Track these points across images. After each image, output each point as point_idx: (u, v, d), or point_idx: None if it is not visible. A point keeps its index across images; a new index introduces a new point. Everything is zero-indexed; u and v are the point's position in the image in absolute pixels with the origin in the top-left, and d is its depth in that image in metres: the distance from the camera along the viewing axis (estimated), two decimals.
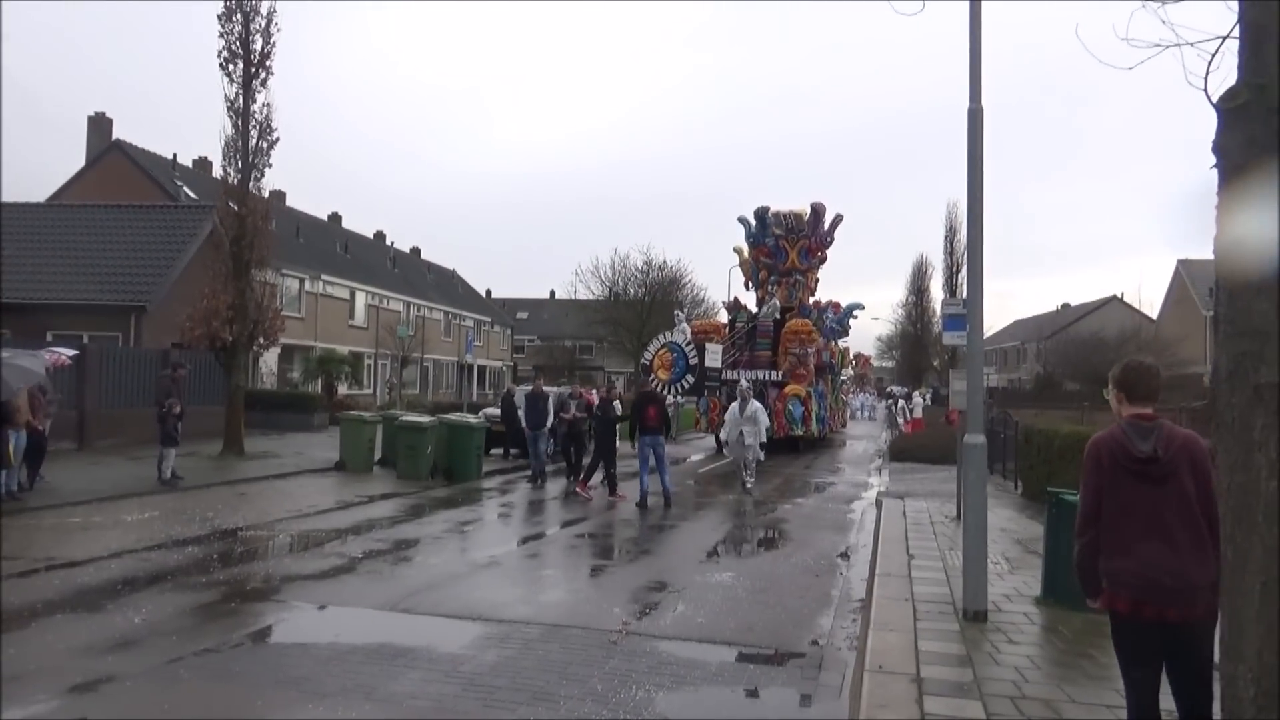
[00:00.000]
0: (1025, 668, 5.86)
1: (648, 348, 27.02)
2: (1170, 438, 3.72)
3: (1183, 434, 3.77)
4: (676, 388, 24.99)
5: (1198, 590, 3.59)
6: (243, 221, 18.93)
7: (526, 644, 6.59)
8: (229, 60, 18.82)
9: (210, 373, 20.90)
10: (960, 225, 44.11)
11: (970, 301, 7.74)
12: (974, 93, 7.42)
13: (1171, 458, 3.69)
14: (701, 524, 12.88)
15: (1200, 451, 3.71)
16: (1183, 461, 3.69)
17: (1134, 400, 3.87)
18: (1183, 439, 3.73)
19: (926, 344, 59.38)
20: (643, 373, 26.84)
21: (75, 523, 11.11)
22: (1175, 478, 3.68)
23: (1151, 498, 3.71)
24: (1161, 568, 3.65)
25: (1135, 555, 3.71)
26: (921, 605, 7.43)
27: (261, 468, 17.18)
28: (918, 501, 14.27)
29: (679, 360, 25.05)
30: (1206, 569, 3.56)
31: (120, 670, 5.76)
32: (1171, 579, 3.63)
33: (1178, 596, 3.63)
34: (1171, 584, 3.64)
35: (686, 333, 26.21)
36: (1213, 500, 3.58)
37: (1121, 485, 3.76)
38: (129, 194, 30.88)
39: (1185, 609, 3.62)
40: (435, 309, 52.23)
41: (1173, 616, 3.64)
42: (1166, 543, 3.66)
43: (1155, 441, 3.71)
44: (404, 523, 12.22)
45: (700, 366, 24.83)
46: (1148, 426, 3.77)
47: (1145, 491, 3.71)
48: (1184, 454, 3.69)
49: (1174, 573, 3.63)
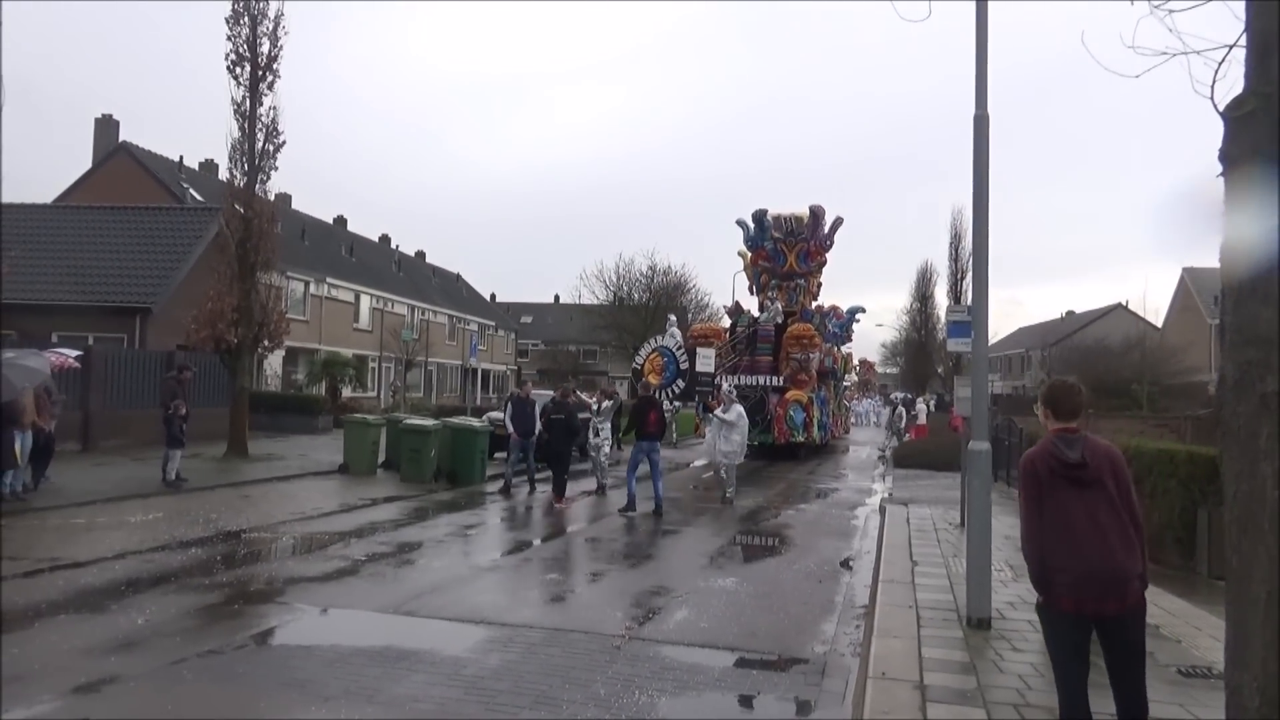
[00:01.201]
0: (1029, 675, 5.85)
1: (639, 352, 26.92)
2: (1094, 447, 4.13)
3: (1103, 444, 4.20)
4: (667, 392, 24.92)
5: (1130, 582, 3.99)
6: (248, 224, 18.99)
7: (529, 648, 6.59)
8: (236, 63, 18.90)
9: (215, 375, 20.91)
10: (965, 232, 44.04)
11: (975, 308, 7.74)
12: (980, 99, 7.43)
13: (1097, 464, 4.06)
14: (704, 529, 12.87)
15: (1119, 459, 4.12)
16: (1105, 467, 4.08)
17: (1059, 416, 4.28)
18: (1104, 448, 4.15)
19: (931, 350, 59.24)
20: (634, 377, 26.74)
21: (79, 523, 11.14)
22: (1100, 482, 4.06)
23: (1083, 500, 4.06)
24: (1100, 563, 3.99)
25: (1075, 554, 4.03)
26: (925, 612, 7.42)
27: (266, 470, 17.21)
28: (921, 508, 14.25)
29: (670, 365, 24.95)
30: (1135, 562, 4.00)
31: (123, 671, 5.77)
32: (1109, 573, 3.99)
33: (1115, 589, 3.98)
34: (1109, 578, 3.99)
35: (677, 337, 26.10)
36: (1133, 501, 4.08)
37: (1057, 490, 4.11)
38: (135, 196, 30.96)
39: (1120, 600, 3.98)
40: (440, 312, 52.30)
41: (1112, 609, 4.00)
42: (1101, 540, 4.01)
43: (1081, 450, 4.09)
44: (407, 526, 12.23)
45: (691, 371, 24.72)
46: (1072, 438, 4.15)
47: (1077, 494, 4.07)
48: (1106, 460, 4.09)
49: (1111, 568, 3.99)
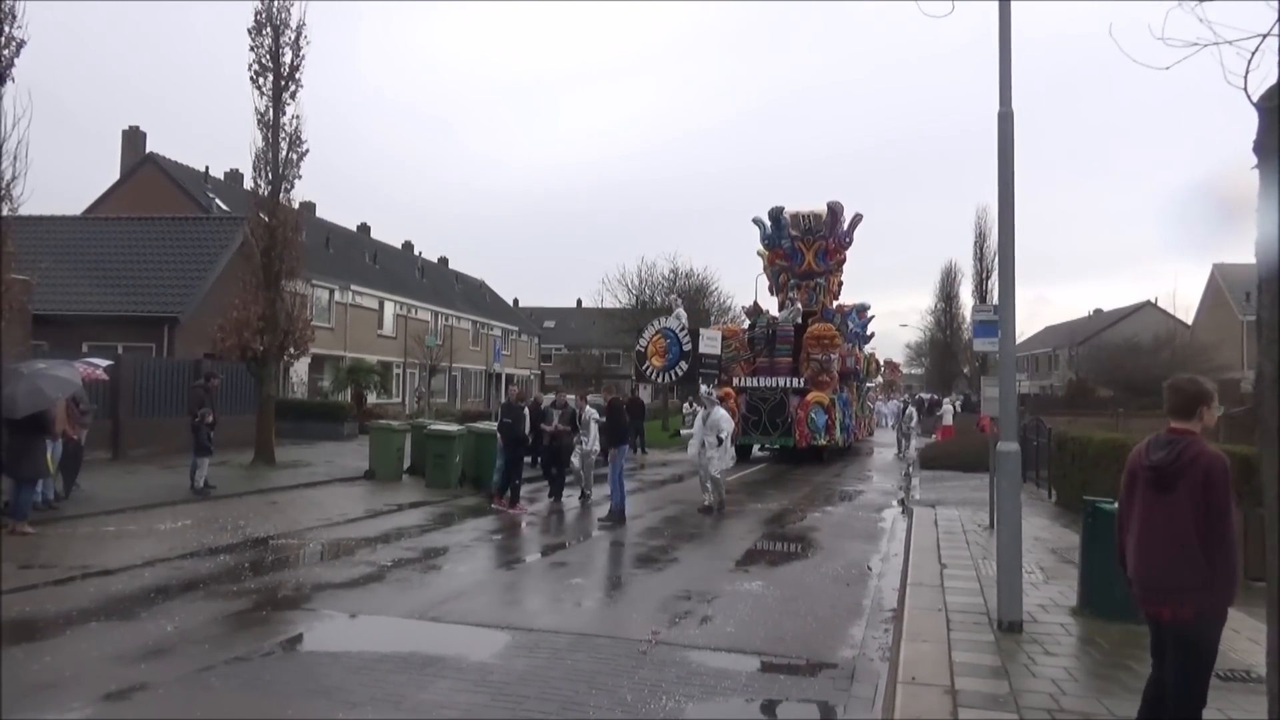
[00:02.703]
0: (1062, 680, 5.76)
1: (642, 334, 26.42)
2: (1189, 452, 3.96)
3: (1206, 451, 3.99)
4: (670, 375, 24.61)
5: (1179, 593, 3.91)
6: (273, 233, 19.13)
7: (555, 653, 6.57)
8: (259, 74, 19.06)
9: (242, 383, 21.10)
10: (990, 230, 43.52)
11: (1001, 307, 7.65)
12: (1004, 97, 7.34)
13: (1180, 468, 3.95)
14: (730, 533, 12.80)
15: (1213, 469, 3.93)
16: (1188, 474, 3.93)
17: (1169, 414, 4.17)
18: (1199, 455, 3.96)
19: (956, 350, 58.71)
20: (637, 360, 26.26)
21: (110, 531, 11.25)
22: (1177, 488, 3.94)
23: (1156, 503, 4.02)
24: (1142, 568, 4.01)
25: (1133, 554, 4.07)
26: (955, 615, 7.33)
27: (292, 476, 17.33)
28: (949, 510, 14.11)
29: (673, 346, 24.52)
30: (1197, 572, 3.87)
31: (153, 678, 5.80)
32: (1149, 580, 3.99)
33: (1158, 597, 3.97)
34: (1149, 585, 4.00)
35: (682, 318, 25.70)
36: (1215, 513, 3.86)
37: (1140, 489, 4.10)
38: (162, 206, 31.37)
39: (1175, 609, 3.94)
40: (463, 318, 52.53)
41: (1164, 615, 3.97)
42: (1150, 546, 4.00)
43: (1170, 453, 4.00)
44: (432, 531, 12.26)
45: (694, 353, 24.36)
46: (1170, 439, 4.06)
47: (1153, 497, 4.03)
48: (1192, 468, 3.93)
49: (1151, 575, 3.99)
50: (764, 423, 25.04)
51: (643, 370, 25.60)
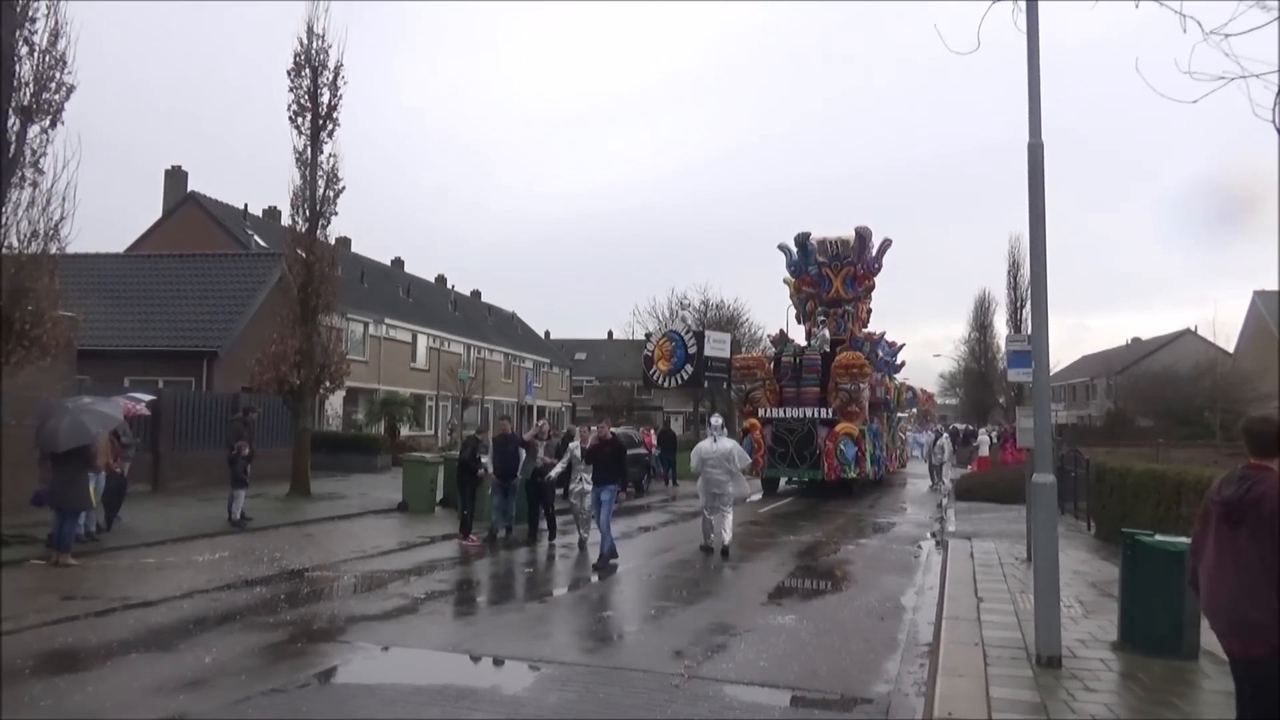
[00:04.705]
0: (1103, 716, 5.65)
1: (649, 340, 26.19)
2: (1254, 488, 3.96)
3: (1271, 489, 3.95)
4: (676, 379, 24.32)
5: (1255, 628, 3.87)
6: (310, 268, 19.49)
7: (588, 686, 6.56)
8: (298, 114, 19.53)
9: (278, 416, 21.39)
10: (1023, 259, 43.14)
11: (1035, 337, 7.61)
12: (1034, 128, 7.35)
13: (1248, 505, 3.94)
14: (762, 565, 12.72)
15: None
16: (1257, 510, 3.91)
17: (1250, 453, 4.17)
18: (1265, 491, 3.94)
19: (991, 380, 58.06)
20: (645, 365, 25.97)
21: (150, 563, 11.43)
22: (1246, 524, 3.95)
23: (1228, 539, 4.02)
24: (1210, 604, 4.04)
25: (1207, 589, 4.09)
26: (992, 650, 7.22)
27: (327, 509, 17.50)
28: (985, 542, 13.92)
29: (678, 349, 24.18)
30: (1264, 610, 3.84)
31: (190, 709, 5.87)
32: (1229, 613, 3.97)
33: (1237, 630, 3.94)
34: (1219, 619, 4.00)
35: (688, 321, 25.58)
36: None
37: (1214, 525, 4.12)
38: (203, 243, 32.08)
39: (1243, 645, 3.94)
40: (495, 351, 52.93)
41: (1236, 651, 3.98)
42: (1219, 581, 4.02)
43: (1239, 488, 4.01)
44: (465, 564, 12.30)
45: (699, 356, 24.05)
46: (1245, 475, 4.07)
47: (1226, 532, 4.04)
48: (1262, 503, 3.90)
49: (1218, 611, 4.00)
50: (791, 455, 24.10)
51: (649, 376, 25.40)
